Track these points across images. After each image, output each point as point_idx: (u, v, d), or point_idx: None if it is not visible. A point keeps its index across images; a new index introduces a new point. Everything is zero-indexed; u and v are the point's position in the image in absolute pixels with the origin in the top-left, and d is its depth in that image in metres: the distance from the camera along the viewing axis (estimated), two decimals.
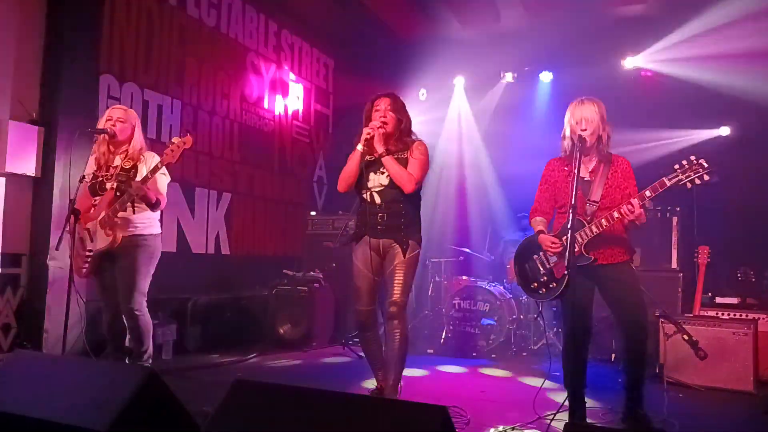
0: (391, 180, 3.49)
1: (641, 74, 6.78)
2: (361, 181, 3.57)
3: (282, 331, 5.82)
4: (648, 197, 3.06)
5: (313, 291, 5.89)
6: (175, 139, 3.48)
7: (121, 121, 3.63)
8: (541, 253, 3.36)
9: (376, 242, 3.54)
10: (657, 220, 5.37)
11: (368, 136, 3.47)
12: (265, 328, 5.84)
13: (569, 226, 2.94)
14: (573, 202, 2.87)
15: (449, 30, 7.15)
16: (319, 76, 7.85)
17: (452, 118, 8.04)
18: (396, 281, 3.48)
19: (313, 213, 6.96)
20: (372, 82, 7.07)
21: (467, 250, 6.64)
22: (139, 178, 3.49)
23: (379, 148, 3.48)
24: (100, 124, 3.65)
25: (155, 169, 3.48)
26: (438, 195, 7.54)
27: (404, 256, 3.49)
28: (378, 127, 3.48)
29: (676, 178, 2.99)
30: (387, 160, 3.46)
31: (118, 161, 3.63)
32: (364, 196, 3.57)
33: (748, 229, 5.88)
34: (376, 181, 3.54)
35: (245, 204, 6.52)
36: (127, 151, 3.64)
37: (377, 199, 3.53)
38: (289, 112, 7.28)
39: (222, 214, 6.22)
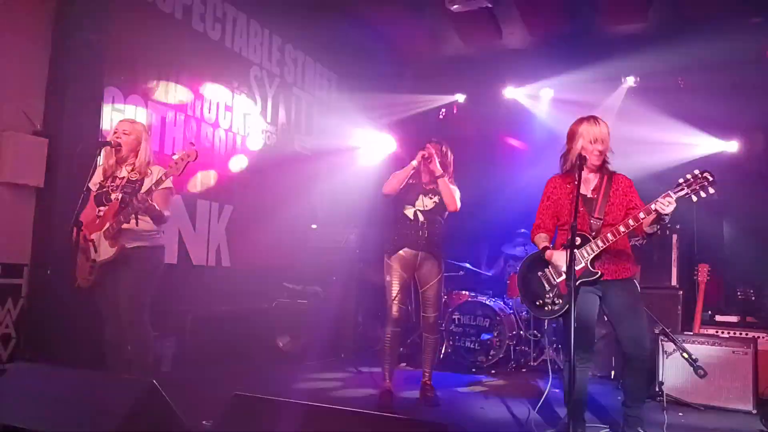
0: (436, 204, 4.25)
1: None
2: (406, 199, 4.27)
3: (281, 344, 5.81)
4: (654, 210, 3.06)
5: (313, 304, 5.89)
6: (179, 152, 3.49)
7: (126, 133, 3.66)
8: (546, 270, 3.34)
9: (415, 253, 4.23)
10: (656, 237, 5.37)
11: (424, 155, 4.20)
12: (264, 340, 5.83)
13: (571, 244, 2.95)
14: (574, 221, 2.88)
15: (451, 47, 7.20)
16: (322, 90, 7.90)
17: (453, 133, 8.07)
18: (432, 298, 4.30)
19: (314, 226, 6.97)
20: (374, 97, 7.14)
21: (467, 264, 6.64)
22: (144, 191, 3.51)
23: (437, 170, 4.19)
24: (109, 137, 3.67)
25: (159, 182, 3.49)
26: None
27: (439, 273, 4.27)
28: (432, 154, 4.22)
29: (682, 191, 3.00)
30: (442, 182, 4.18)
31: (124, 173, 3.65)
32: (407, 213, 4.26)
33: (748, 248, 5.89)
34: (424, 202, 4.26)
35: (246, 216, 6.53)
36: (133, 163, 3.66)
37: (421, 218, 4.24)
38: (292, 126, 7.32)
39: (223, 226, 6.23)
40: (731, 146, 6.59)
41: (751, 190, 5.95)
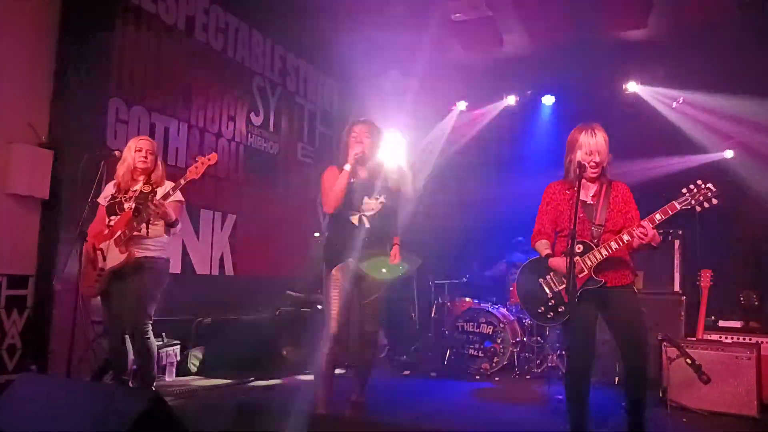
0: (384, 206, 3.66)
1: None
2: (350, 203, 3.63)
3: (285, 352, 5.81)
4: (658, 221, 3.08)
5: (317, 313, 5.90)
6: (199, 158, 3.67)
7: (150, 153, 3.79)
8: (548, 277, 3.33)
9: (360, 265, 3.63)
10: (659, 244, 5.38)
11: (357, 156, 3.57)
12: (268, 349, 5.84)
13: (571, 251, 2.96)
14: (573, 228, 2.89)
15: (452, 54, 7.24)
16: (324, 98, 7.94)
17: (453, 141, 8.11)
18: (375, 312, 3.71)
19: (317, 234, 6.99)
20: (375, 105, 7.17)
21: (470, 271, 6.66)
22: (160, 196, 3.60)
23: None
24: (129, 153, 3.75)
25: (177, 186, 3.61)
26: (441, 217, 7.58)
27: (384, 283, 3.68)
28: (361, 148, 3.60)
29: (686, 202, 3.03)
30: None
31: (138, 186, 3.73)
32: (352, 219, 3.64)
33: (751, 253, 5.89)
34: (369, 205, 3.65)
35: (250, 225, 6.56)
36: (149, 177, 3.77)
37: (367, 224, 3.63)
38: (295, 134, 7.36)
39: (226, 235, 6.26)
40: (728, 153, 6.62)
41: (750, 194, 5.96)
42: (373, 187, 3.68)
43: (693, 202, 3.02)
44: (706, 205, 3.01)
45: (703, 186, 3.02)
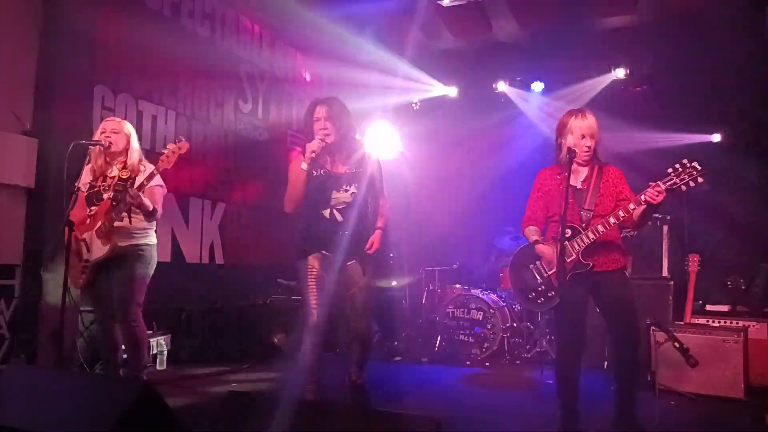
0: (354, 198, 3.49)
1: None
2: (317, 199, 3.49)
3: (277, 340, 5.82)
4: (644, 201, 3.08)
5: None
6: (170, 145, 3.49)
7: (115, 132, 3.65)
8: (537, 263, 3.35)
9: (334, 257, 3.45)
10: (647, 228, 5.41)
11: (313, 155, 3.41)
12: (259, 337, 5.84)
13: (561, 236, 2.97)
14: (564, 213, 2.90)
15: (442, 41, 7.21)
16: (314, 86, 7.88)
17: (444, 128, 8.09)
18: (360, 306, 3.55)
19: None
20: (366, 92, 7.15)
21: (460, 258, 6.68)
22: (135, 186, 3.51)
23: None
24: (96, 137, 3.67)
25: (151, 176, 3.49)
26: (431, 204, 7.58)
27: (366, 274, 3.53)
28: (320, 142, 3.44)
29: (671, 182, 3.02)
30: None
31: (115, 172, 3.65)
32: (323, 213, 3.50)
33: (738, 237, 5.94)
34: (339, 199, 3.50)
35: (239, 213, 6.53)
36: (124, 162, 3.65)
37: (339, 217, 3.48)
38: (284, 122, 7.30)
39: (216, 223, 6.23)
40: (715, 137, 6.64)
41: (738, 178, 6.00)
42: (341, 178, 3.51)
43: (678, 181, 3.00)
44: (691, 184, 2.98)
45: (688, 165, 3.00)
